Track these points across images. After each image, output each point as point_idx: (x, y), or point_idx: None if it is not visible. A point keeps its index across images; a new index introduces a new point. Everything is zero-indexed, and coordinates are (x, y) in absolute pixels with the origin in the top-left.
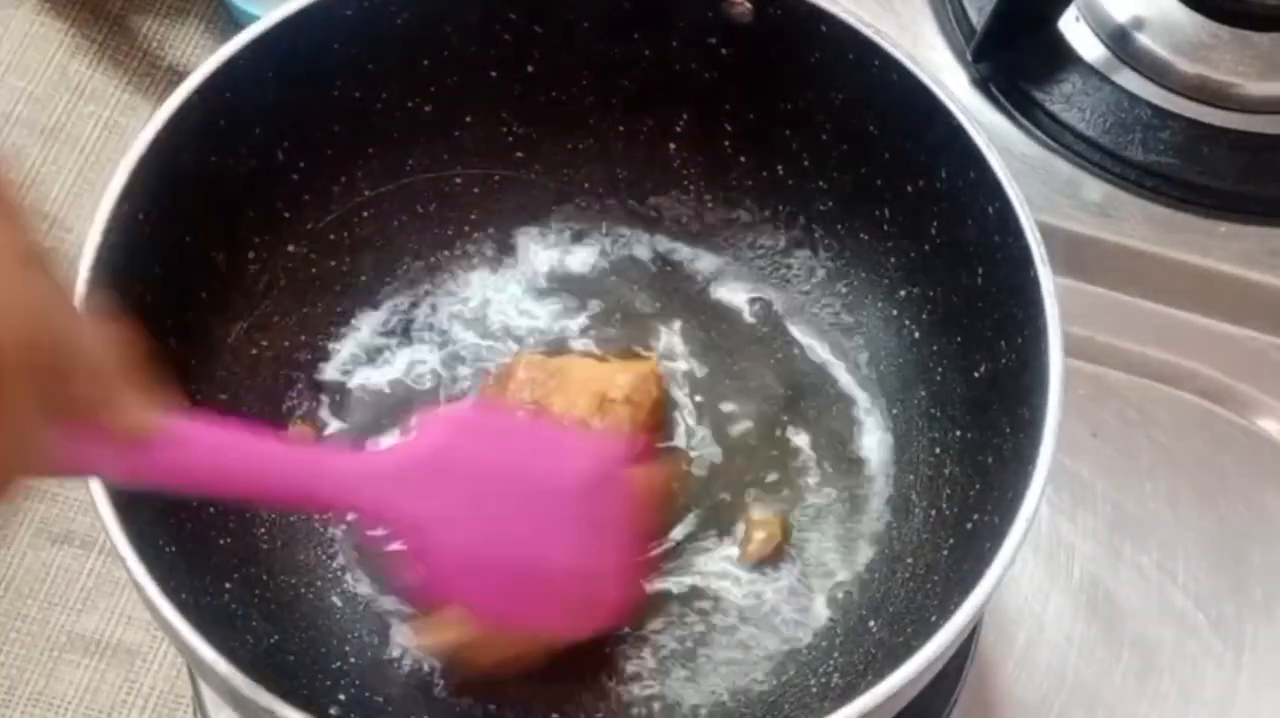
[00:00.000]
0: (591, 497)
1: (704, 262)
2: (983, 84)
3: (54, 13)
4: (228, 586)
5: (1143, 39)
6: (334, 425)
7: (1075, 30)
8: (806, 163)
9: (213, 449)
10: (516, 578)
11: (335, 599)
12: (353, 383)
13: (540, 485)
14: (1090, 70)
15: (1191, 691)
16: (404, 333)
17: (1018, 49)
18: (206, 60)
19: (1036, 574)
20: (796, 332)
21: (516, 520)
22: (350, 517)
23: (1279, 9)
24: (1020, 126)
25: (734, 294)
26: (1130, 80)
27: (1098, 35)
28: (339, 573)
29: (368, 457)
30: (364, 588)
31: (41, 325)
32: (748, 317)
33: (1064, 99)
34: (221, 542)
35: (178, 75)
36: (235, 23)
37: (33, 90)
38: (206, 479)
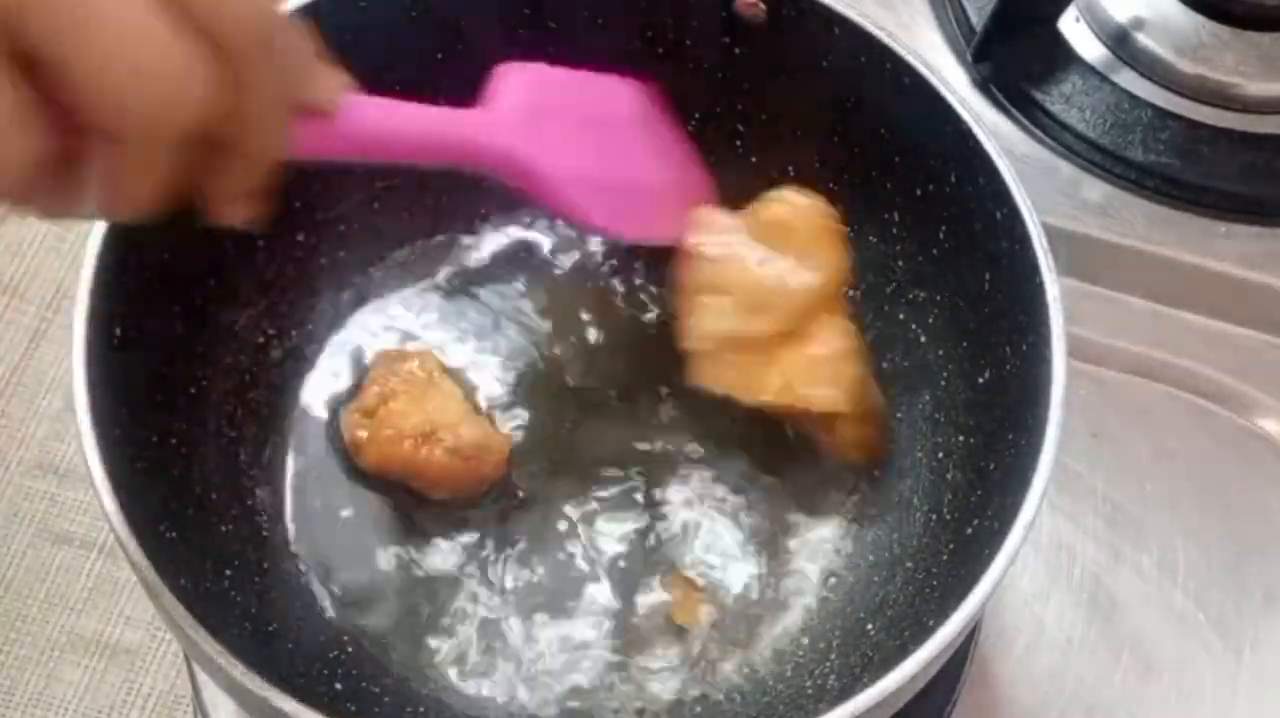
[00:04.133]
0: (649, 125)
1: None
2: (983, 84)
3: None
4: (227, 573)
5: (1143, 39)
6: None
7: (1075, 30)
8: (817, 165)
9: (385, 116)
10: (624, 194)
11: (334, 588)
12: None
13: (609, 120)
14: (1090, 70)
15: (1191, 691)
16: (416, 322)
17: (1018, 49)
18: None
19: (1036, 575)
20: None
21: (605, 150)
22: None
23: (1279, 9)
24: (1020, 126)
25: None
26: (1130, 80)
27: (1098, 35)
28: (338, 563)
29: (497, 112)
30: (363, 577)
31: (266, 14)
32: None
33: (1064, 99)
34: (222, 529)
35: None
36: None
37: None
38: (380, 145)
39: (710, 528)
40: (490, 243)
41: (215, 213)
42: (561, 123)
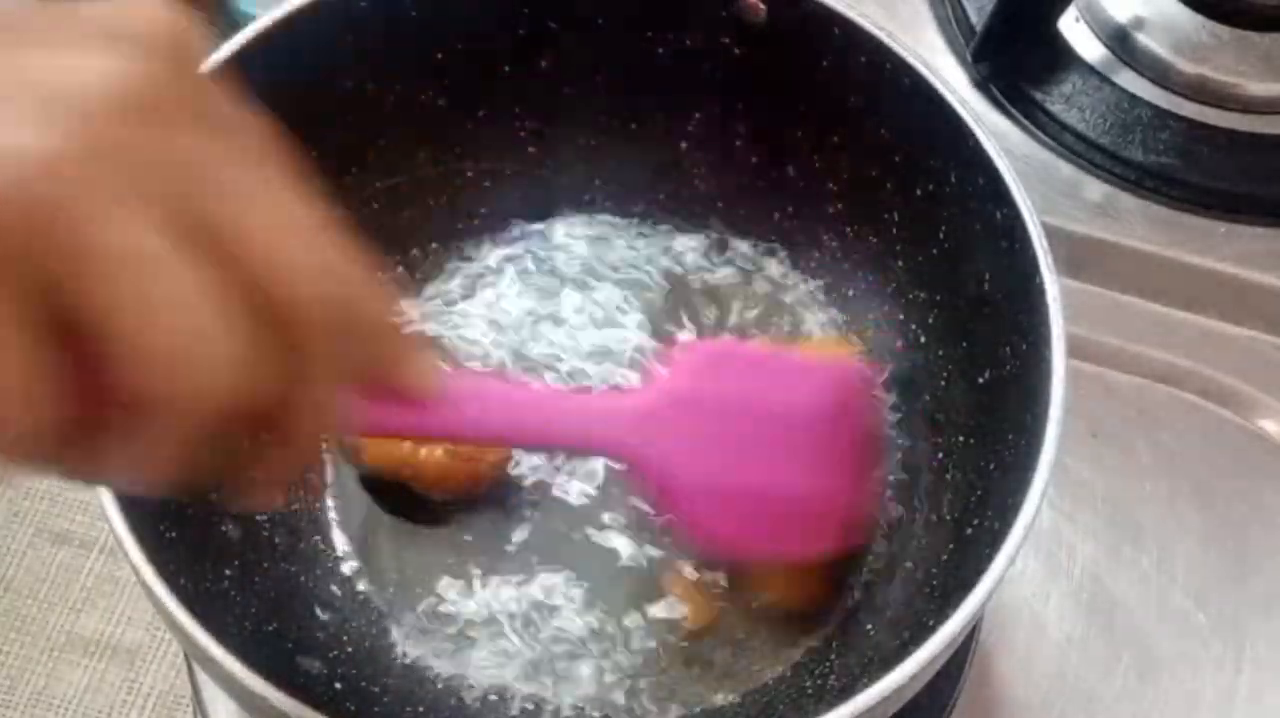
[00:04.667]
0: (826, 425)
1: (710, 260)
2: (983, 84)
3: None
4: (228, 573)
5: (1143, 39)
6: None
7: (1075, 30)
8: (817, 165)
9: (484, 402)
10: (756, 505)
11: (334, 588)
12: None
13: (780, 414)
14: (1090, 70)
15: (1191, 691)
16: (415, 325)
17: (1018, 49)
18: (219, 49)
19: (1036, 574)
20: (800, 333)
21: (760, 451)
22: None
23: (1279, 9)
24: (1020, 127)
25: (741, 293)
26: (1130, 80)
27: (1098, 35)
28: (338, 562)
29: (627, 402)
30: (363, 578)
31: (339, 287)
32: (753, 316)
33: (1064, 99)
34: (223, 529)
35: None
36: (234, 23)
37: None
38: (477, 431)
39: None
40: (491, 246)
41: (236, 498)
42: (711, 417)
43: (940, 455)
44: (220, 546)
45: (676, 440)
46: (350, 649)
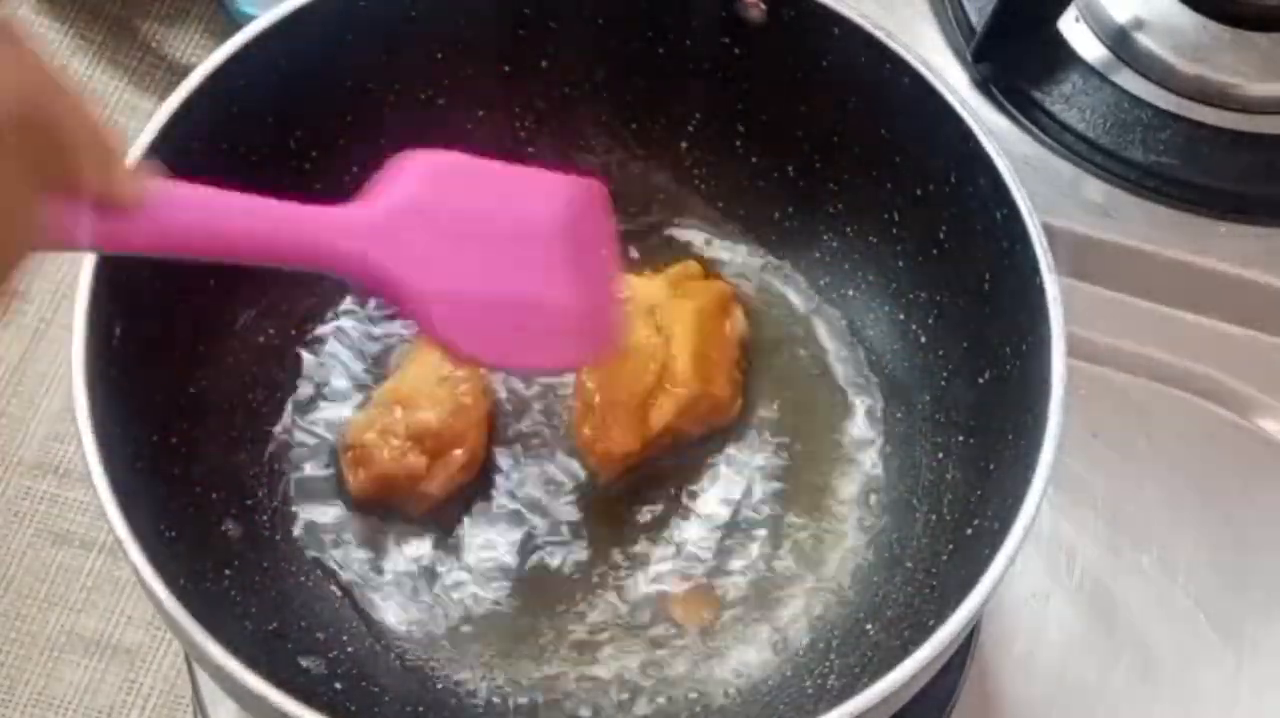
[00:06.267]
0: (567, 235)
1: (711, 262)
2: (983, 84)
3: (54, 13)
4: (227, 573)
5: (1143, 39)
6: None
7: (1075, 30)
8: (817, 164)
9: (204, 209)
10: (512, 315)
11: (334, 588)
12: (360, 370)
13: (519, 226)
14: (1090, 70)
15: (1191, 691)
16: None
17: (1018, 49)
18: (221, 47)
19: (1036, 575)
20: (801, 333)
21: (502, 260)
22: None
23: (1279, 9)
24: (1020, 126)
25: (740, 294)
26: (1130, 80)
27: (1098, 35)
28: (339, 563)
29: (359, 210)
30: (364, 577)
31: (30, 99)
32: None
33: (1064, 99)
34: (223, 529)
35: (177, 75)
36: (234, 23)
37: None
38: (200, 241)
39: (712, 527)
40: None
41: None
42: (447, 227)
43: (940, 455)
44: (220, 546)
45: (414, 249)
46: (350, 649)
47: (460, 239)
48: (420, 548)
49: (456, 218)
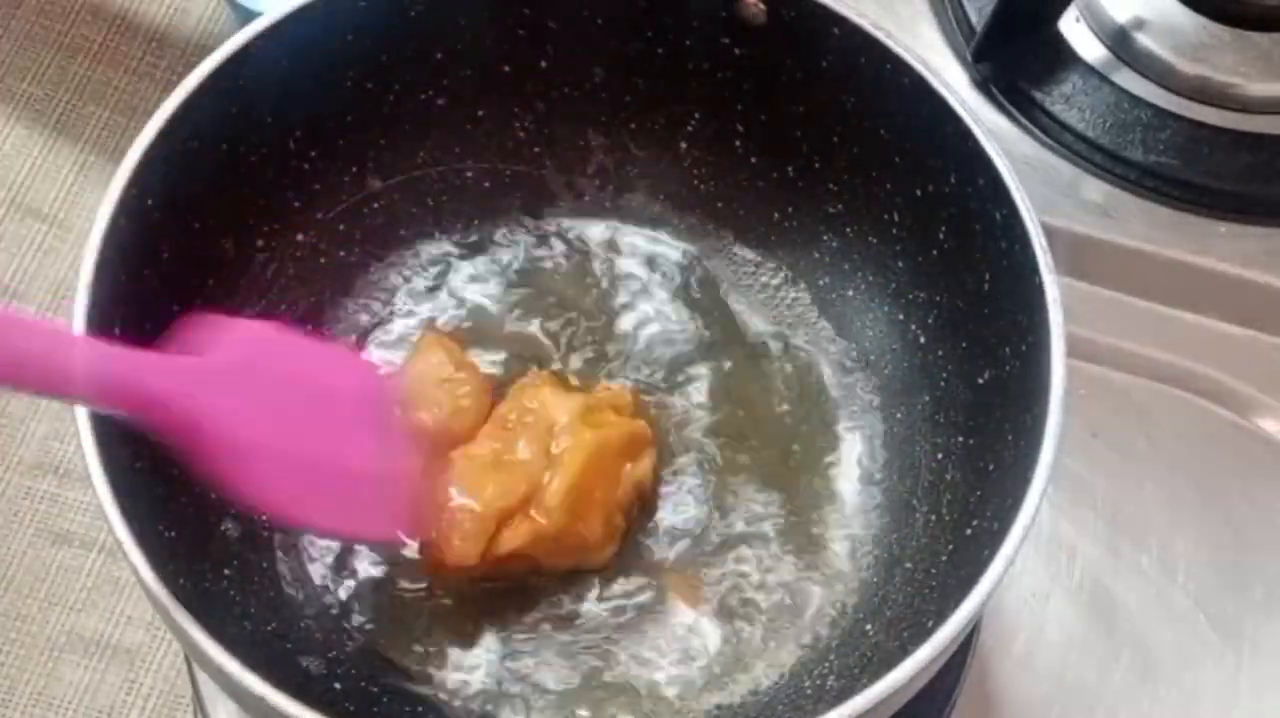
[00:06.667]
0: (374, 407)
1: (711, 261)
2: (983, 84)
3: (54, 13)
4: (227, 572)
5: (1143, 39)
6: None
7: (1075, 30)
8: (817, 165)
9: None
10: (310, 477)
11: (334, 588)
12: None
13: (328, 394)
14: (1090, 70)
15: (1191, 691)
16: (414, 324)
17: (1018, 49)
18: (221, 47)
19: (1036, 574)
20: (801, 333)
21: (308, 425)
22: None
23: (1279, 9)
24: (1020, 127)
25: (740, 294)
26: (1130, 80)
27: (1098, 35)
28: (339, 562)
29: (178, 358)
30: (364, 578)
31: None
32: (752, 317)
33: (1064, 99)
34: (223, 529)
35: (178, 75)
36: (236, 22)
37: (33, 90)
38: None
39: (711, 528)
40: (491, 246)
41: None
42: (261, 388)
43: (940, 455)
44: (220, 546)
45: (230, 404)
46: (350, 649)
47: (272, 402)
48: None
49: (270, 381)
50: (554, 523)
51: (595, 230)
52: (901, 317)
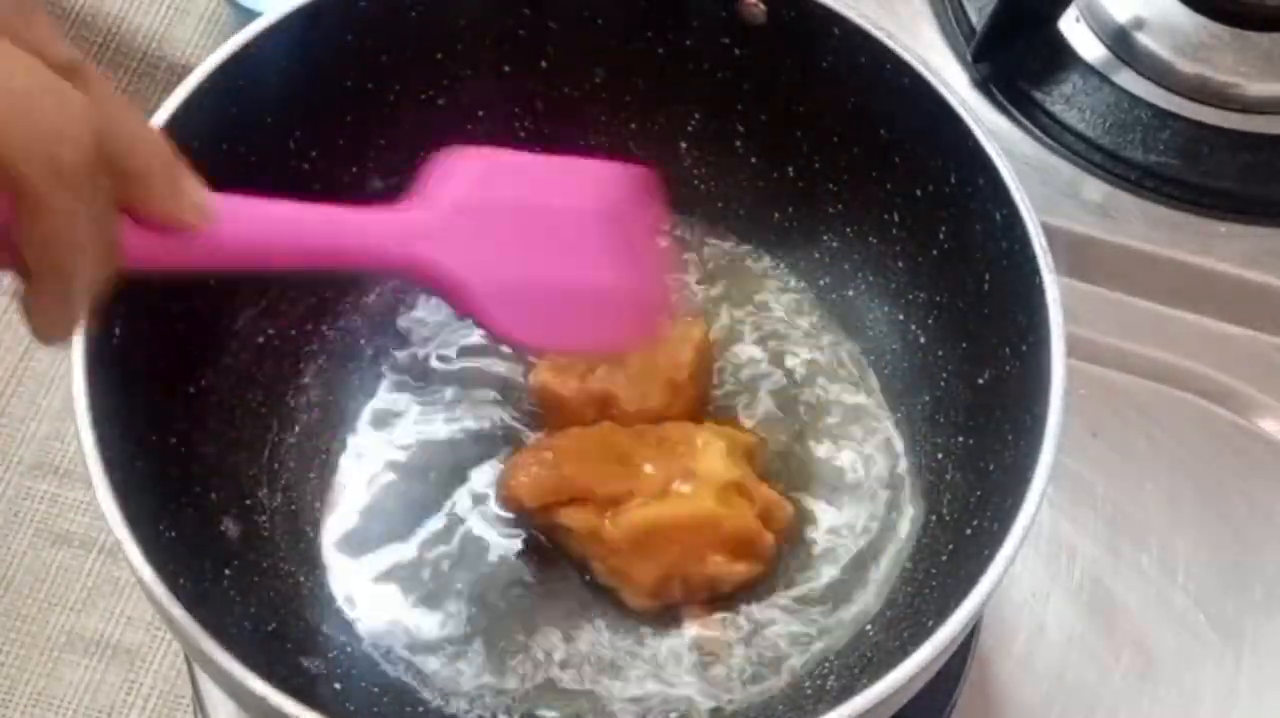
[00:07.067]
0: (612, 222)
1: (711, 262)
2: (983, 84)
3: (53, 14)
4: (227, 573)
5: (1143, 39)
6: (343, 413)
7: (1075, 30)
8: (817, 165)
9: (265, 222)
10: (564, 304)
11: (334, 588)
12: (359, 369)
13: (565, 216)
14: (1090, 70)
15: (1191, 691)
16: (414, 324)
17: (1018, 49)
18: (221, 47)
19: (1036, 574)
20: (800, 334)
21: (552, 251)
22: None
23: (1279, 9)
24: (1020, 127)
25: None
26: (1130, 80)
27: (1098, 35)
28: (339, 561)
29: (413, 214)
30: (364, 577)
31: (103, 131)
32: (752, 318)
33: (1064, 99)
34: (223, 529)
35: (178, 75)
36: (236, 22)
37: None
38: (266, 254)
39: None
40: None
41: (30, 321)
42: (495, 222)
43: (940, 456)
44: (220, 546)
45: (471, 249)
46: (349, 650)
47: (510, 235)
48: (420, 549)
49: (505, 214)
50: (615, 540)
51: None
52: (901, 317)
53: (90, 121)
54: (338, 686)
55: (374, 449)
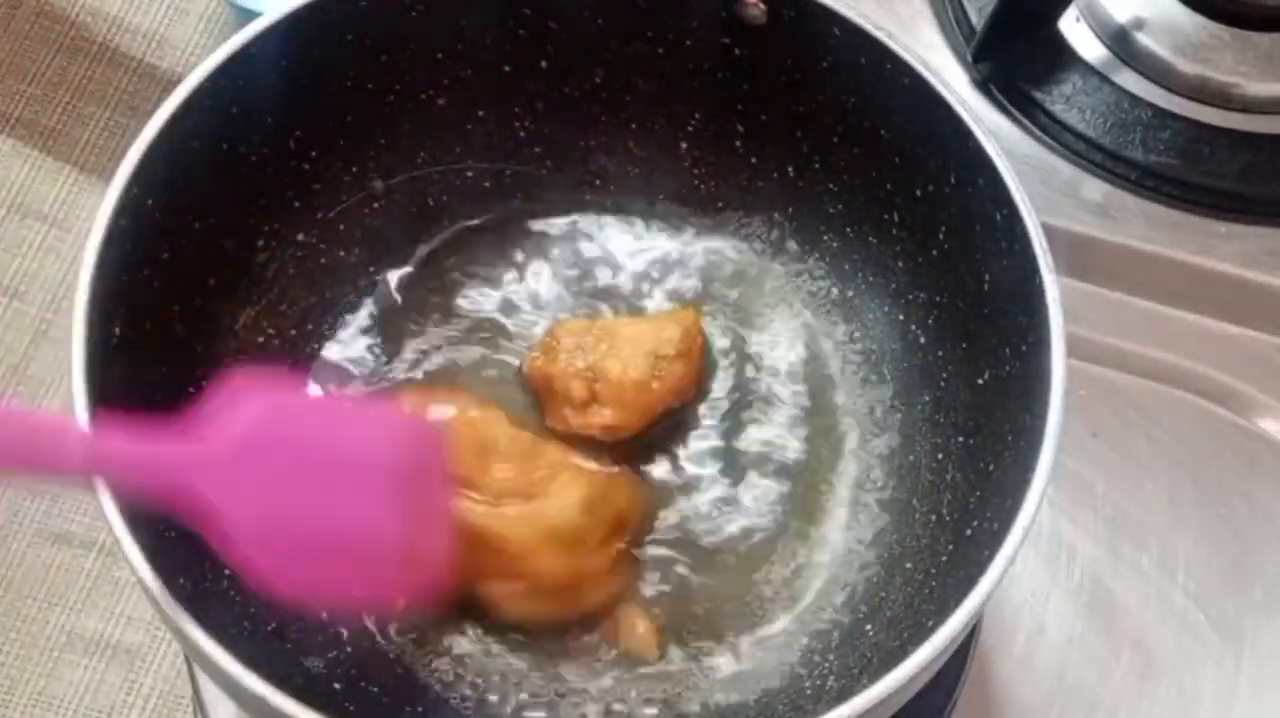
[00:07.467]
0: (398, 472)
1: (711, 262)
2: (983, 84)
3: (53, 13)
4: (227, 573)
5: (1143, 39)
6: None
7: (1075, 30)
8: (817, 165)
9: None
10: (332, 550)
11: None
12: (361, 370)
13: (350, 462)
14: (1090, 70)
15: (1191, 691)
16: (414, 322)
17: (1018, 49)
18: (221, 47)
19: (1036, 574)
20: (800, 334)
21: (329, 496)
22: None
23: (1279, 9)
24: (1020, 126)
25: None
26: (1130, 80)
27: (1098, 35)
28: None
29: (195, 445)
30: None
31: None
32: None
33: (1064, 99)
34: None
35: (178, 75)
36: (236, 22)
37: (32, 91)
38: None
39: (712, 529)
40: (491, 245)
41: None
42: (273, 462)
43: (940, 456)
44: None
45: (245, 486)
46: (349, 650)
47: (283, 478)
48: None
49: (282, 456)
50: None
51: (596, 229)
52: (902, 317)
53: None
54: (338, 686)
55: None
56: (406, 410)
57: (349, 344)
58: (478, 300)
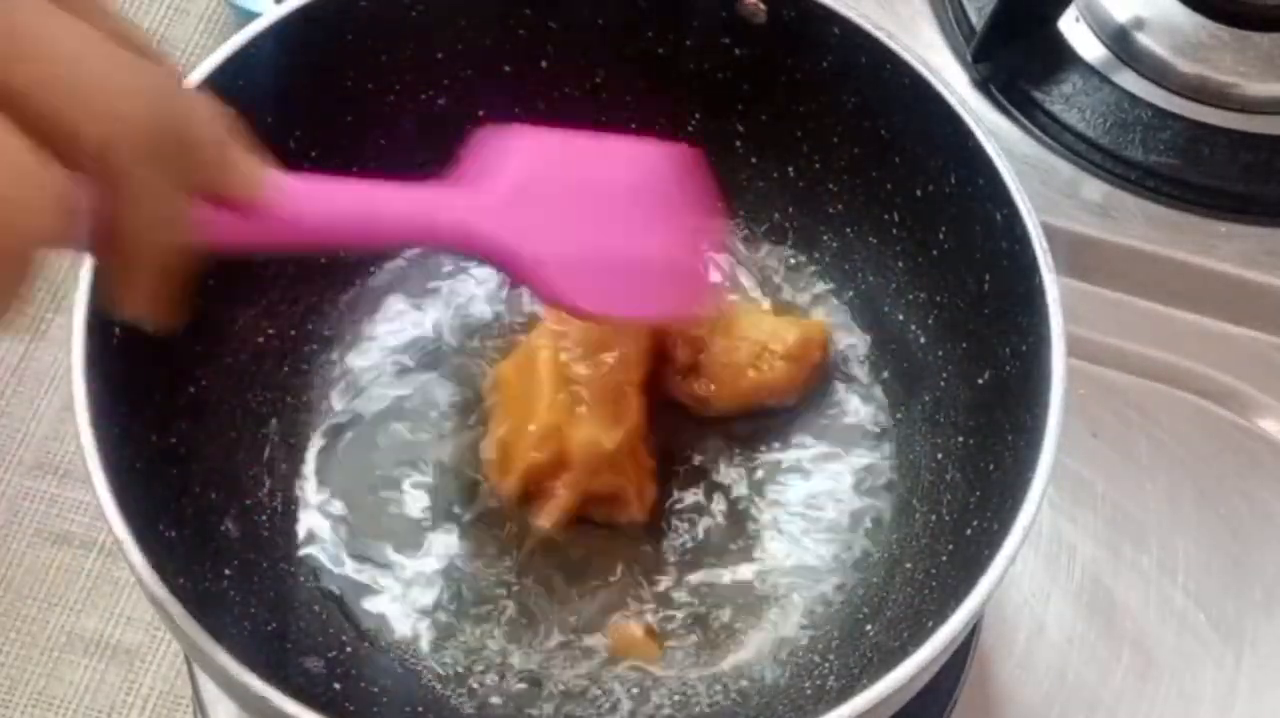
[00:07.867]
0: (658, 194)
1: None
2: (983, 84)
3: None
4: (227, 572)
5: (1143, 39)
6: (343, 412)
7: (1075, 30)
8: (817, 165)
9: (335, 200)
10: (617, 274)
11: (333, 588)
12: (362, 370)
13: (615, 190)
14: (1090, 70)
15: (1191, 691)
16: (414, 322)
17: (1018, 49)
18: (221, 47)
19: (1036, 574)
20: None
21: (603, 224)
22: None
23: (1279, 9)
24: (1020, 126)
25: (740, 296)
26: (1130, 80)
27: (1098, 35)
28: (338, 562)
29: (476, 192)
30: (363, 578)
31: (165, 105)
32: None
33: (1064, 99)
34: (223, 529)
35: None
36: (236, 22)
37: None
38: (329, 232)
39: (712, 529)
40: None
41: (124, 311)
42: (552, 197)
43: (940, 456)
44: (220, 546)
45: (531, 225)
46: (349, 650)
47: (565, 210)
48: (421, 548)
49: (560, 190)
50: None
51: None
52: (901, 316)
53: (147, 91)
54: (338, 686)
55: None
56: (655, 143)
57: (348, 343)
58: (478, 303)
